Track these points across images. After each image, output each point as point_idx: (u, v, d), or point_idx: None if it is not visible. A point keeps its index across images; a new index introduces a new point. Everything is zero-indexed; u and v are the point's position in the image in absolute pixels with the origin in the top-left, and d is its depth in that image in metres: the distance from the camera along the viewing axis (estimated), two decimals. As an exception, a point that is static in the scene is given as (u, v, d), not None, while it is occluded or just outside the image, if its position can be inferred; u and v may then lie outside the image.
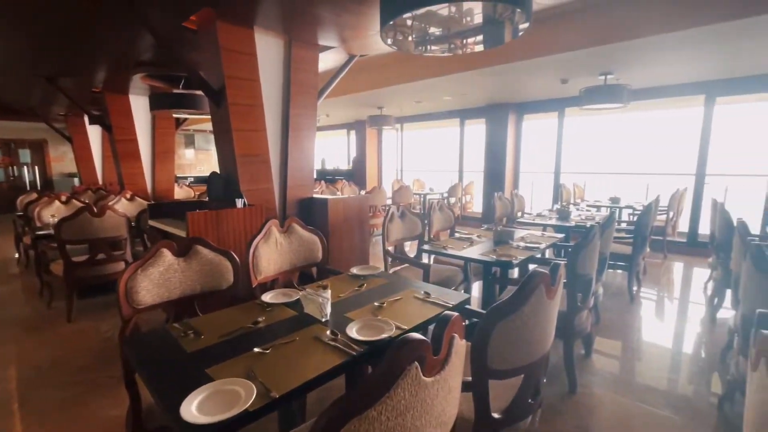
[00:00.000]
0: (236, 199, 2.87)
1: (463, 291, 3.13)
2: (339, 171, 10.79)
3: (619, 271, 4.30)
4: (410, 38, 2.69)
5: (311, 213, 3.75)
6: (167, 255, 1.78)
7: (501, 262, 2.49)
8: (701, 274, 4.69)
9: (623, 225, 5.43)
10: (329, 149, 12.78)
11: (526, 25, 1.91)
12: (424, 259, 3.82)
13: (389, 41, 2.47)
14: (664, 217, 5.21)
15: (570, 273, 2.19)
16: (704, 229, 5.35)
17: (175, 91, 5.17)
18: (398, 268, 3.17)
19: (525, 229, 3.95)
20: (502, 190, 7.16)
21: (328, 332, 1.39)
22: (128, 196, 5.12)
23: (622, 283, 4.24)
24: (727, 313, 3.40)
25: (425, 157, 12.23)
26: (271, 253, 2.19)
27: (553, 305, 1.30)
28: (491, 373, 1.19)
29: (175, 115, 6.45)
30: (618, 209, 5.74)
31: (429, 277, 2.72)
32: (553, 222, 4.30)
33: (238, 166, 3.16)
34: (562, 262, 1.33)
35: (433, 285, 2.01)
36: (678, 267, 5.05)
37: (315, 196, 3.93)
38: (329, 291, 1.56)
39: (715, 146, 5.45)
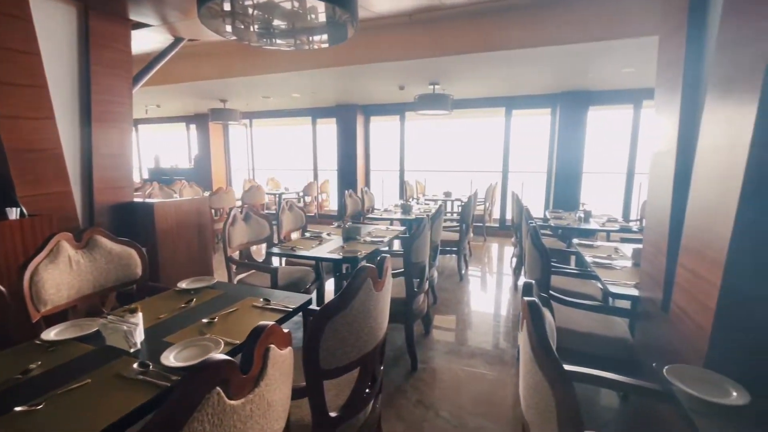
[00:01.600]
0: (7, 209, 2.16)
1: (316, 290, 3.12)
2: (178, 170, 9.44)
3: (453, 255, 4.97)
4: (252, 28, 2.55)
5: (133, 220, 3.14)
6: None
7: (348, 258, 2.56)
8: (509, 251, 5.84)
9: (454, 215, 6.32)
10: (165, 145, 11.07)
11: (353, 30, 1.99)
12: (276, 262, 3.65)
13: (228, 29, 2.29)
14: (482, 207, 6.28)
15: (406, 262, 2.41)
16: (510, 215, 6.68)
17: None
18: (244, 275, 2.94)
19: (373, 224, 4.20)
20: (355, 188, 7.45)
21: (135, 365, 1.16)
22: None
23: (454, 265, 4.92)
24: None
25: (280, 155, 11.79)
26: (63, 276, 1.73)
27: (382, 296, 1.38)
28: (325, 373, 1.18)
29: None
30: (451, 202, 6.68)
31: (277, 281, 2.60)
32: (398, 216, 4.70)
33: (11, 164, 2.39)
34: (387, 256, 1.42)
35: (280, 290, 1.93)
36: (494, 247, 6.17)
37: (138, 200, 3.31)
38: (139, 314, 1.31)
39: (515, 148, 6.87)
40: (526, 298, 0.96)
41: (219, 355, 0.69)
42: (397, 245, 4.58)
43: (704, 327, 1.19)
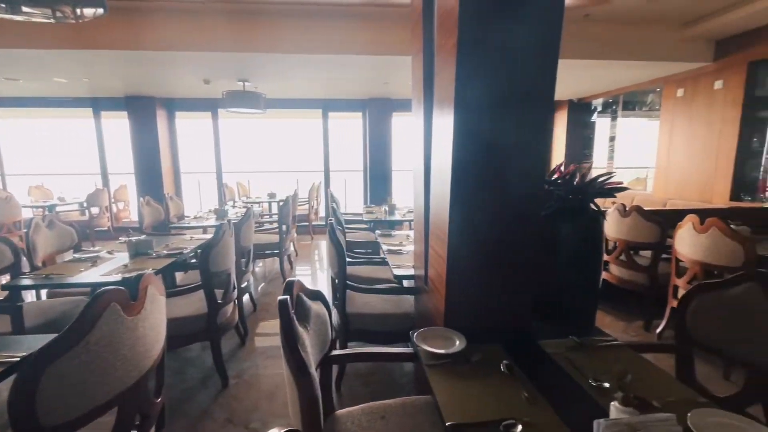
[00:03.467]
0: None
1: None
2: None
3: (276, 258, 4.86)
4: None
5: None
6: None
7: (128, 280, 2.16)
8: (335, 247, 6.12)
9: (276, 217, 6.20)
10: None
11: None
12: (30, 298, 2.84)
13: None
14: (306, 206, 6.38)
15: (203, 274, 2.20)
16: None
17: None
18: (-34, 322, 2.14)
19: (181, 234, 3.71)
20: (161, 193, 6.44)
21: None
22: None
23: (278, 268, 4.82)
24: (346, 273, 4.58)
25: (51, 156, 9.21)
26: None
27: (144, 319, 1.20)
28: (55, 430, 0.95)
29: None
30: (277, 203, 6.52)
31: (23, 323, 1.99)
32: (212, 222, 4.29)
33: None
34: (147, 272, 1.25)
35: (28, 333, 1.47)
36: (323, 245, 6.34)
37: None
38: None
39: (336, 148, 7.21)
40: (279, 298, 0.99)
41: None
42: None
43: (442, 293, 1.49)
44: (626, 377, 0.88)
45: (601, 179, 1.64)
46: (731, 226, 2.74)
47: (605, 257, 3.28)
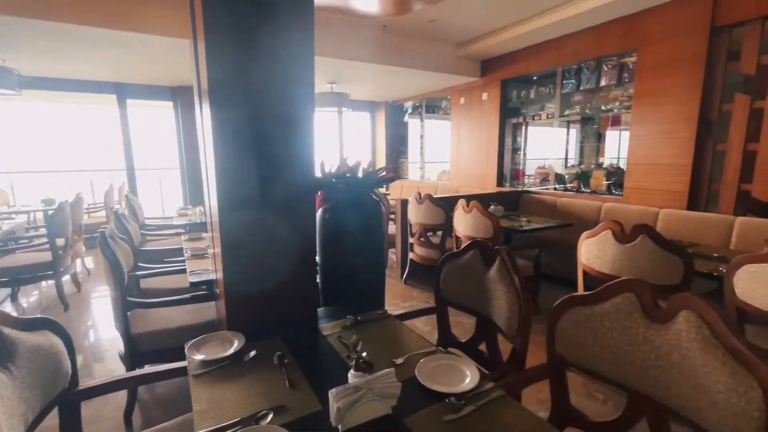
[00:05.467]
0: None
1: None
2: None
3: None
4: None
5: None
6: None
7: None
8: (147, 258, 5.23)
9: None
10: None
11: None
12: None
13: None
14: (104, 213, 5.25)
15: None
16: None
17: None
18: None
19: None
20: None
21: None
22: None
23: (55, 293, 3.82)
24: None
25: None
26: None
27: None
28: None
29: None
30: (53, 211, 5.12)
31: None
32: (-71, 245, 3.07)
33: None
34: None
35: None
36: (129, 257, 5.33)
37: None
38: None
39: (145, 143, 6.11)
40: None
41: None
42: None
43: (223, 294, 1.41)
44: (357, 345, 1.01)
45: (376, 172, 1.85)
46: (491, 206, 3.51)
47: (410, 240, 3.78)
